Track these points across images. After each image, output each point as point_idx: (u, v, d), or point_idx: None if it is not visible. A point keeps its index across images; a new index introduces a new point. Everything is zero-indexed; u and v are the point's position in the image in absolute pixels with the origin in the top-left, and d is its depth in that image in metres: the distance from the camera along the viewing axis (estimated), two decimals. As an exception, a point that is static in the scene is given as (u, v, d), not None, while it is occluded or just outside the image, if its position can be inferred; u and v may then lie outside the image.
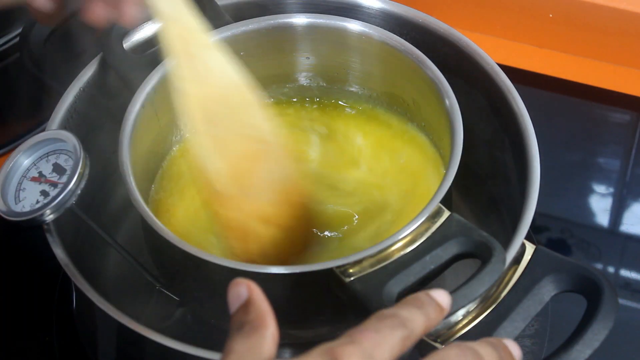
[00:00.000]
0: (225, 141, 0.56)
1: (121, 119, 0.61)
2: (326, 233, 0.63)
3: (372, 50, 0.66)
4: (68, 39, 0.71)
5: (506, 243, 0.54)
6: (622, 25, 0.91)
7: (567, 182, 0.84)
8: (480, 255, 0.52)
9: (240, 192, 0.57)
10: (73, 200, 0.56)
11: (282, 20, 0.67)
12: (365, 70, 0.69)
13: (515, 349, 0.44)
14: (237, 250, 0.59)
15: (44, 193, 0.57)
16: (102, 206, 0.70)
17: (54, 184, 0.57)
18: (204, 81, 0.55)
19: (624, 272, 0.77)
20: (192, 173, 0.60)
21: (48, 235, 0.57)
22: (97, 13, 0.53)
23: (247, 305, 0.40)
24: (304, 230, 0.62)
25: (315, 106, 0.72)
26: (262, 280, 0.54)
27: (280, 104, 0.72)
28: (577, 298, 0.53)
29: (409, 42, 0.65)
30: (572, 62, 0.94)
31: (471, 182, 0.70)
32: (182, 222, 0.64)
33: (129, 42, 0.67)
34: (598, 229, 0.81)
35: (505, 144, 0.65)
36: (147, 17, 0.67)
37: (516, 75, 0.67)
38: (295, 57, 0.70)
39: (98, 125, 0.66)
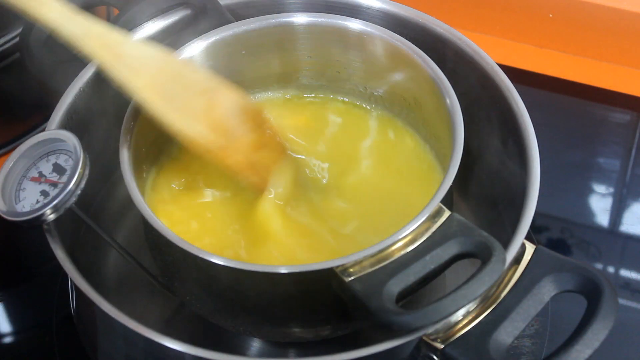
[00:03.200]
0: (187, 106, 0.59)
1: (121, 119, 0.61)
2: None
3: (373, 49, 0.66)
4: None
5: (506, 243, 0.54)
6: (622, 25, 0.91)
7: (567, 182, 0.84)
8: (480, 255, 0.52)
9: (226, 137, 0.61)
10: (73, 200, 0.56)
11: (283, 20, 0.67)
12: (366, 69, 0.69)
13: None
14: (258, 183, 0.63)
15: (44, 193, 0.57)
16: (102, 206, 0.70)
17: (54, 184, 0.57)
18: (141, 69, 0.58)
19: (624, 272, 0.77)
20: (186, 147, 0.63)
21: (48, 235, 0.57)
22: None
23: None
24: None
25: (316, 105, 0.72)
26: (263, 279, 0.54)
27: (281, 102, 0.73)
28: (577, 298, 0.53)
29: (409, 41, 0.65)
30: (572, 62, 0.94)
31: (471, 182, 0.70)
32: (183, 222, 0.64)
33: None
34: (598, 229, 0.81)
35: (505, 144, 0.65)
36: (148, 17, 0.67)
37: (516, 75, 0.67)
38: (296, 56, 0.70)
39: (98, 125, 0.66)
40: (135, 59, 0.58)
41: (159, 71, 0.59)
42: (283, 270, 0.53)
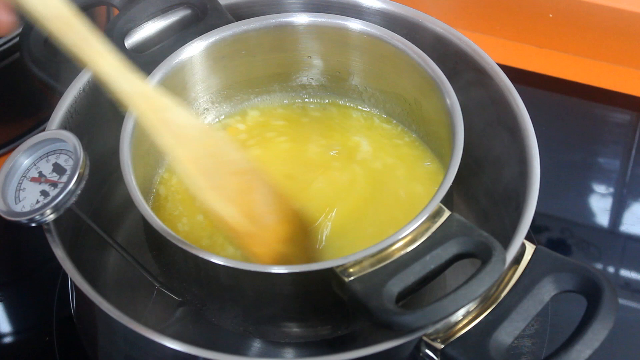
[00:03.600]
0: (225, 186, 0.57)
1: (121, 119, 0.61)
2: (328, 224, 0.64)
3: (374, 49, 0.66)
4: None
5: (506, 243, 0.54)
6: (622, 25, 0.91)
7: (567, 182, 0.84)
8: (480, 255, 0.52)
9: (257, 224, 0.59)
10: (73, 200, 0.56)
11: (283, 19, 0.67)
12: (366, 69, 0.69)
13: None
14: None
15: (44, 193, 0.57)
16: (102, 206, 0.70)
17: (54, 184, 0.57)
18: (184, 139, 0.56)
19: (624, 272, 0.77)
20: (217, 228, 0.62)
21: (48, 235, 0.57)
22: None
23: None
24: (311, 233, 0.63)
25: (316, 105, 0.72)
26: (264, 280, 0.54)
27: (282, 102, 0.73)
28: (577, 298, 0.53)
29: (409, 41, 0.65)
30: (572, 62, 0.94)
31: (471, 182, 0.70)
32: (183, 222, 0.64)
33: (131, 41, 0.67)
34: (598, 229, 0.81)
35: (505, 144, 0.65)
36: (148, 17, 0.67)
37: (516, 75, 0.67)
38: (296, 56, 0.70)
39: (98, 125, 0.66)
40: (180, 127, 0.55)
41: (200, 144, 0.57)
42: (283, 270, 0.53)
